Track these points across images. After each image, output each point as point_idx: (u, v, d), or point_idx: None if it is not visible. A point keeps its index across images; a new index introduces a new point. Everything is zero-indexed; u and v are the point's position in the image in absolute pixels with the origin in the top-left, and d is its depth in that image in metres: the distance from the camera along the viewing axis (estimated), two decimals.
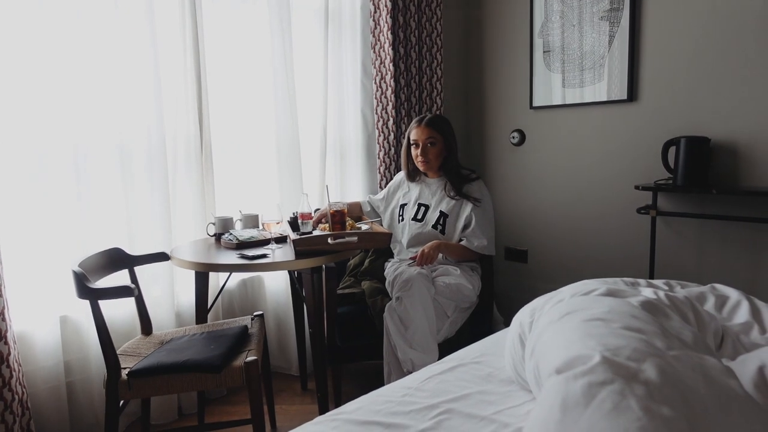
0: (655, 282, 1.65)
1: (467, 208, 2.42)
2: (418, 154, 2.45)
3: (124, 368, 1.68)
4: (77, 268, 1.62)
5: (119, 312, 2.18)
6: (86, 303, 1.62)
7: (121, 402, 1.68)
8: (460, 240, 2.42)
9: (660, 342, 0.90)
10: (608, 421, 0.71)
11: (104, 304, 1.66)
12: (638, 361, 0.82)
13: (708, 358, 0.92)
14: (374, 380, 2.28)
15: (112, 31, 2.09)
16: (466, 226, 2.41)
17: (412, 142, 2.47)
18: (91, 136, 2.09)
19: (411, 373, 1.71)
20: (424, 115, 2.48)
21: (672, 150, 2.52)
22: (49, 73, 1.95)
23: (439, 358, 1.67)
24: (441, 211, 2.45)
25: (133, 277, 2.00)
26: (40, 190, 1.96)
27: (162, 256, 2.07)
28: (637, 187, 2.60)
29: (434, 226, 2.45)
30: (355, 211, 2.65)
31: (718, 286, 1.65)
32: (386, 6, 2.81)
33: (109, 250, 1.95)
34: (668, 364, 0.82)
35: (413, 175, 2.57)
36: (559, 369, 0.85)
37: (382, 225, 2.62)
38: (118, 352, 1.74)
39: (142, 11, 2.14)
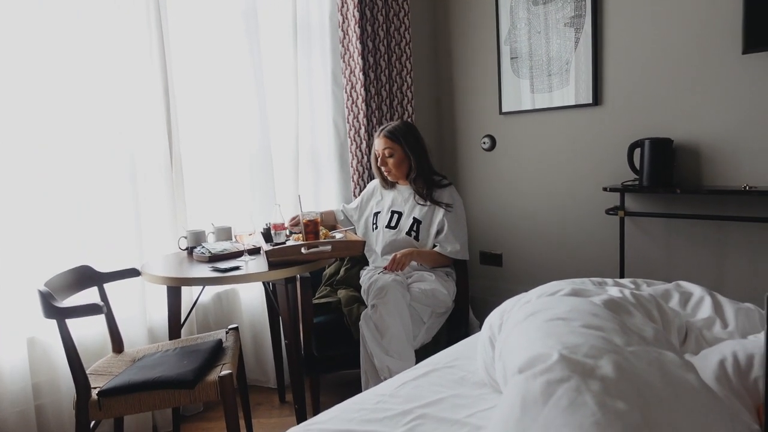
0: (622, 281, 1.69)
1: (439, 213, 2.44)
2: (380, 165, 2.48)
3: (95, 388, 1.65)
4: (43, 287, 1.60)
5: (89, 331, 2.15)
6: (54, 323, 1.60)
7: (93, 422, 1.65)
8: (434, 246, 2.45)
9: (619, 339, 0.93)
10: (564, 418, 0.73)
11: (74, 324, 1.64)
12: (595, 357, 0.84)
13: (666, 353, 0.95)
14: (353, 389, 2.26)
15: (73, 36, 2.07)
16: (438, 232, 2.44)
17: (375, 152, 2.50)
18: (55, 149, 2.06)
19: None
20: (385, 125, 2.50)
21: (637, 152, 2.59)
22: (8, 88, 1.93)
23: (417, 364, 1.68)
24: (414, 218, 2.47)
25: (103, 295, 1.98)
26: (3, 206, 1.93)
27: (132, 272, 2.05)
28: (605, 189, 2.67)
29: (408, 233, 2.47)
30: (330, 220, 2.66)
31: (683, 283, 1.70)
32: (354, 16, 2.84)
33: (78, 267, 1.92)
34: (625, 359, 0.85)
35: (388, 182, 2.59)
36: (521, 368, 0.87)
37: (356, 233, 2.63)
38: (88, 371, 1.72)
39: (106, 17, 2.13)
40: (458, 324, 2.46)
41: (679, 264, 2.65)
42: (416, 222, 2.46)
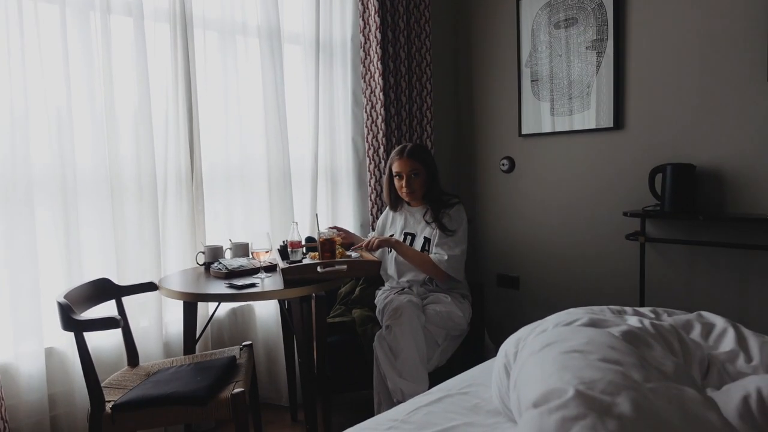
0: (642, 310, 1.65)
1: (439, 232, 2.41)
2: (403, 185, 2.45)
3: (109, 401, 1.66)
4: (62, 299, 1.62)
5: (106, 343, 2.16)
6: (71, 334, 1.61)
7: None
8: None
9: (637, 374, 0.90)
10: None
11: (91, 336, 1.66)
12: (612, 394, 0.82)
13: (687, 390, 0.93)
14: (365, 411, 2.26)
15: (102, 60, 2.12)
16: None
17: (395, 173, 2.48)
18: (80, 165, 2.10)
19: (401, 403, 1.70)
20: (404, 146, 2.48)
21: (659, 177, 2.55)
22: (39, 97, 1.98)
23: (430, 387, 1.66)
24: (425, 237, 2.45)
25: (121, 308, 2.00)
26: (27, 219, 1.97)
27: (150, 286, 2.07)
28: (625, 214, 2.63)
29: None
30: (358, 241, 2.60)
31: (705, 313, 1.66)
32: (376, 38, 2.87)
33: (97, 280, 1.95)
34: (644, 396, 0.83)
35: (395, 204, 2.58)
36: (536, 402, 0.85)
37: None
38: (103, 384, 1.73)
39: (133, 42, 2.19)
40: (473, 347, 2.44)
41: (701, 293, 2.59)
42: (427, 241, 2.44)
